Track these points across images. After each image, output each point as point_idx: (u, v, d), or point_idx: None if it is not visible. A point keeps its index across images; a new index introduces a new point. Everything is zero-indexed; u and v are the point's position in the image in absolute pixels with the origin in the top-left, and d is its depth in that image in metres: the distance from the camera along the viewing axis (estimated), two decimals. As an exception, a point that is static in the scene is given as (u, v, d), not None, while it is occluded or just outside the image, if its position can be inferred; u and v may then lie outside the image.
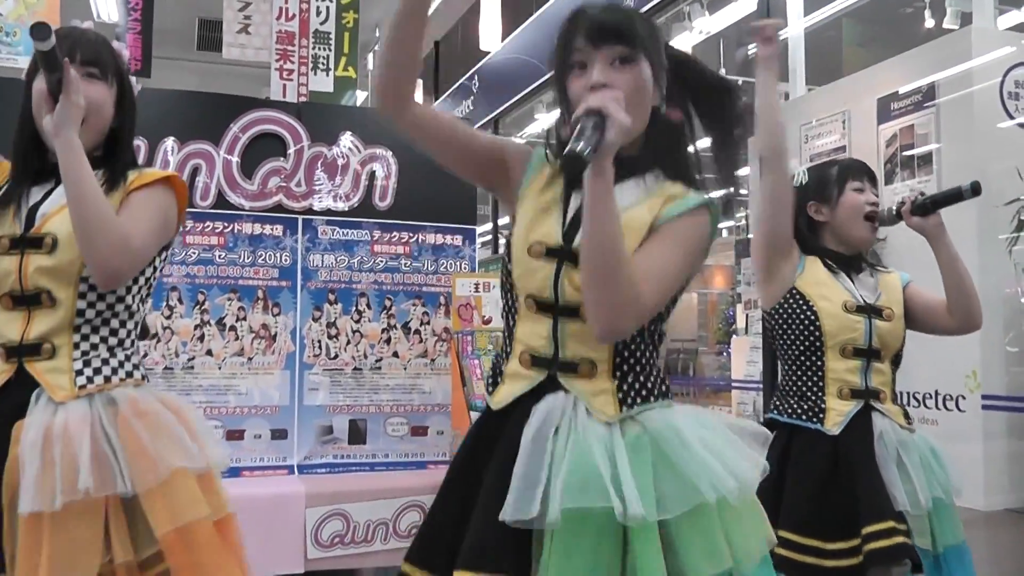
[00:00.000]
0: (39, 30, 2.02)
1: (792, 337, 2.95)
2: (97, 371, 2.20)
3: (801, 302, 2.92)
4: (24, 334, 2.16)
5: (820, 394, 2.89)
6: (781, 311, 2.97)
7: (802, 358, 2.94)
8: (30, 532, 2.02)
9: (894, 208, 2.96)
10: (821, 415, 2.86)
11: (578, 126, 1.65)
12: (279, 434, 4.31)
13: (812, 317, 2.90)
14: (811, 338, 2.91)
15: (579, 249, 1.77)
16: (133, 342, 2.32)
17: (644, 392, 1.88)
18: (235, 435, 4.24)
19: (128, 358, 2.28)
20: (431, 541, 1.90)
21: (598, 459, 1.75)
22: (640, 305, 1.77)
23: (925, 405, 4.01)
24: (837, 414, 2.84)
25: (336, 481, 4.22)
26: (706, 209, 1.90)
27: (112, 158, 2.33)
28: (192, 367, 4.22)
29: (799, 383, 2.95)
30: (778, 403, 3.00)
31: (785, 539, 2.71)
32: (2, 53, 6.80)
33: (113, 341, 2.25)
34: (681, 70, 1.99)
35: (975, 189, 2.83)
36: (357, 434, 4.45)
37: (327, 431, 4.40)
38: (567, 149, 1.61)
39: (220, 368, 4.26)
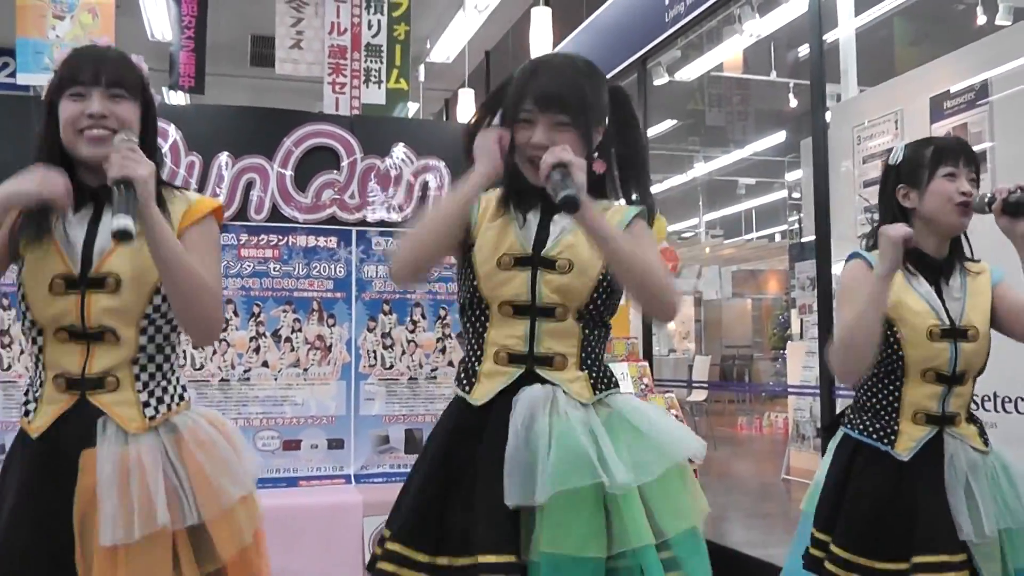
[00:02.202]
0: (123, 236, 2.00)
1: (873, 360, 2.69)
2: (160, 400, 2.25)
3: (884, 326, 2.64)
4: (86, 367, 2.19)
5: (895, 415, 2.69)
6: None
7: (882, 379, 2.73)
8: (107, 560, 2.09)
9: (987, 198, 2.61)
10: (893, 437, 2.67)
11: (554, 179, 1.98)
12: (335, 444, 4.35)
13: (895, 346, 2.67)
14: (892, 364, 2.69)
15: (550, 256, 2.16)
16: (177, 361, 2.37)
17: (606, 380, 2.20)
18: (292, 445, 4.28)
19: (178, 380, 2.34)
20: (421, 524, 2.14)
21: (582, 439, 2.03)
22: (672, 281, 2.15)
23: (984, 407, 3.94)
24: (909, 439, 2.65)
25: (393, 490, 4.17)
26: (641, 217, 2.25)
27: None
28: (248, 378, 4.27)
29: (874, 401, 2.74)
30: (852, 416, 2.81)
31: (835, 555, 2.64)
32: (59, 73, 6.89)
33: (166, 367, 2.30)
34: (616, 96, 2.31)
35: None
36: (413, 443, 4.47)
37: (383, 441, 4.43)
38: (564, 195, 1.93)
39: (276, 379, 4.31)
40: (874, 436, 2.70)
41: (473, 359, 2.22)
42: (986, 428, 2.79)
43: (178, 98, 10.14)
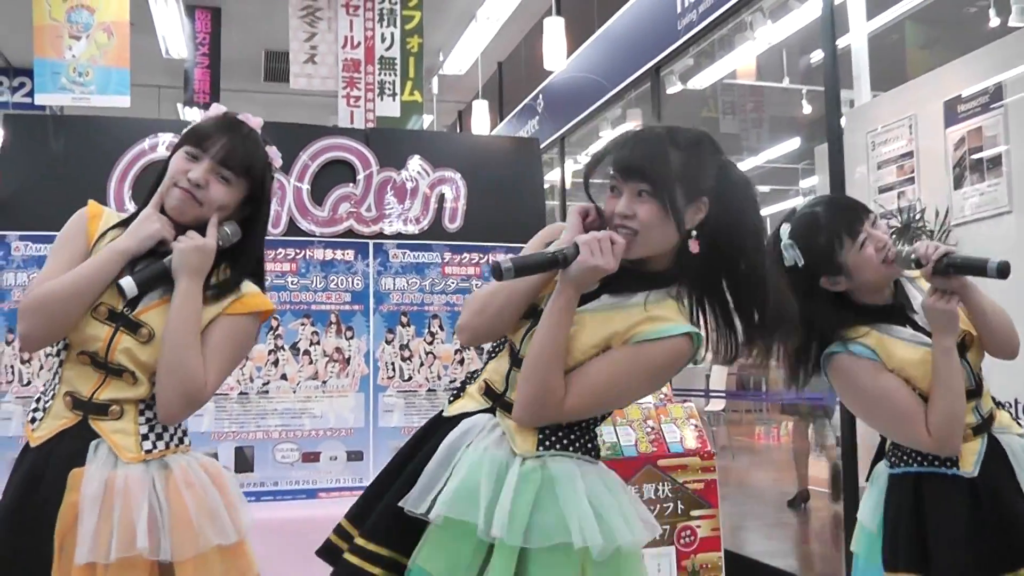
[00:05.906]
0: (121, 291, 2.21)
1: None
2: (159, 437, 2.29)
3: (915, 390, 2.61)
4: (95, 393, 2.24)
5: None
6: None
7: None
8: None
9: (914, 257, 2.56)
10: (955, 457, 2.59)
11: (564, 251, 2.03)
12: (355, 456, 4.36)
13: (921, 398, 2.57)
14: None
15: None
16: None
17: (565, 442, 2.13)
18: (311, 457, 4.29)
19: (180, 424, 2.37)
20: (366, 508, 2.23)
21: (483, 477, 2.02)
22: (558, 409, 2.07)
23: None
24: (970, 454, 2.59)
25: (413, 501, 4.25)
26: (676, 343, 2.07)
27: (239, 256, 2.40)
28: (267, 391, 4.29)
29: None
30: (899, 454, 2.71)
31: None
32: (75, 93, 6.95)
33: None
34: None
35: (1002, 271, 2.44)
36: (432, 454, 4.47)
37: (402, 452, 4.43)
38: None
39: (295, 392, 4.32)
40: (936, 463, 2.62)
41: (469, 379, 2.31)
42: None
43: (193, 115, 10.21)
